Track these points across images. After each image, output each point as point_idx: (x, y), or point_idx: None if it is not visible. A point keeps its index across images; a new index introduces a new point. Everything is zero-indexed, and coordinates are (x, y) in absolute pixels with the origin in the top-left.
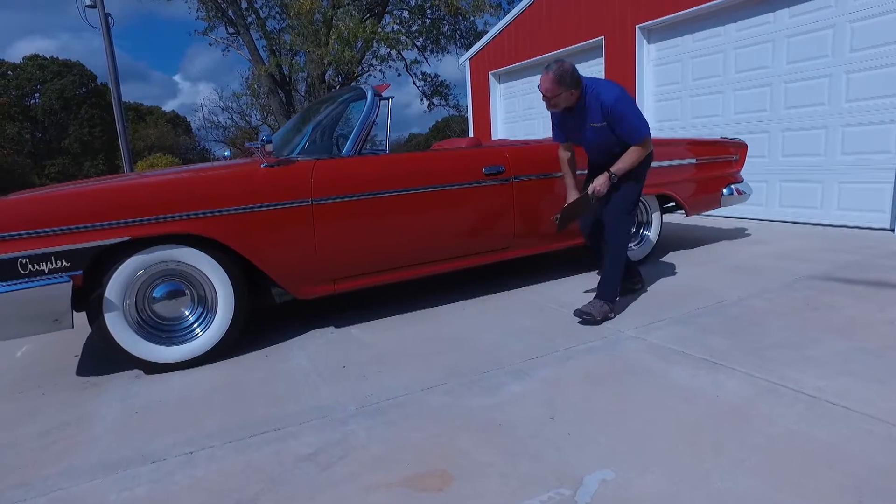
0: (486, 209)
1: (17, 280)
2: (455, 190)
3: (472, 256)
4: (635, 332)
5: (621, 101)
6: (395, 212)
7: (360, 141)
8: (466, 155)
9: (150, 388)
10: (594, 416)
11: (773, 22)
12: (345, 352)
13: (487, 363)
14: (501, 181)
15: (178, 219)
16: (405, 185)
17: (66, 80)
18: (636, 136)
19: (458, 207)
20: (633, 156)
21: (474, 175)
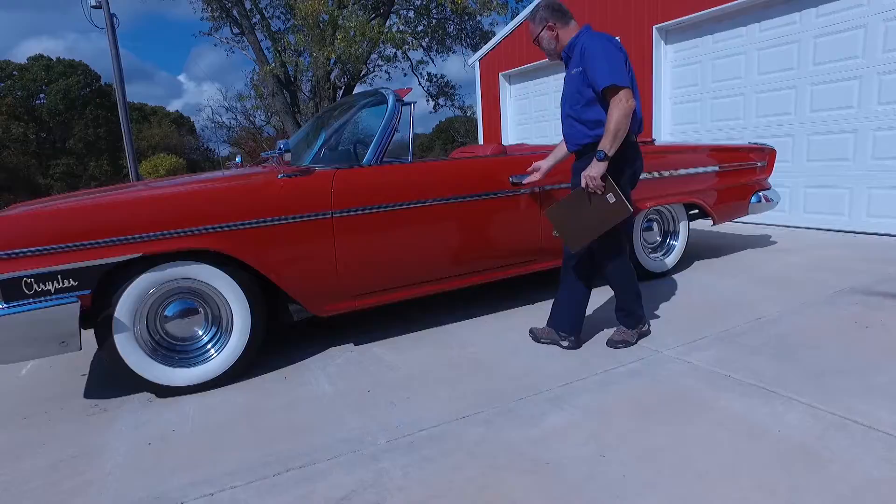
0: (514, 220)
1: (21, 301)
2: (482, 200)
3: (498, 270)
4: (675, 352)
5: (598, 41)
6: (420, 224)
7: (381, 149)
8: (494, 164)
9: (162, 415)
10: (648, 455)
11: (799, 22)
12: (368, 373)
13: (522, 388)
14: (529, 190)
15: (193, 234)
16: (430, 195)
17: (71, 80)
18: (601, 78)
19: (486, 218)
20: (613, 116)
21: (501, 184)
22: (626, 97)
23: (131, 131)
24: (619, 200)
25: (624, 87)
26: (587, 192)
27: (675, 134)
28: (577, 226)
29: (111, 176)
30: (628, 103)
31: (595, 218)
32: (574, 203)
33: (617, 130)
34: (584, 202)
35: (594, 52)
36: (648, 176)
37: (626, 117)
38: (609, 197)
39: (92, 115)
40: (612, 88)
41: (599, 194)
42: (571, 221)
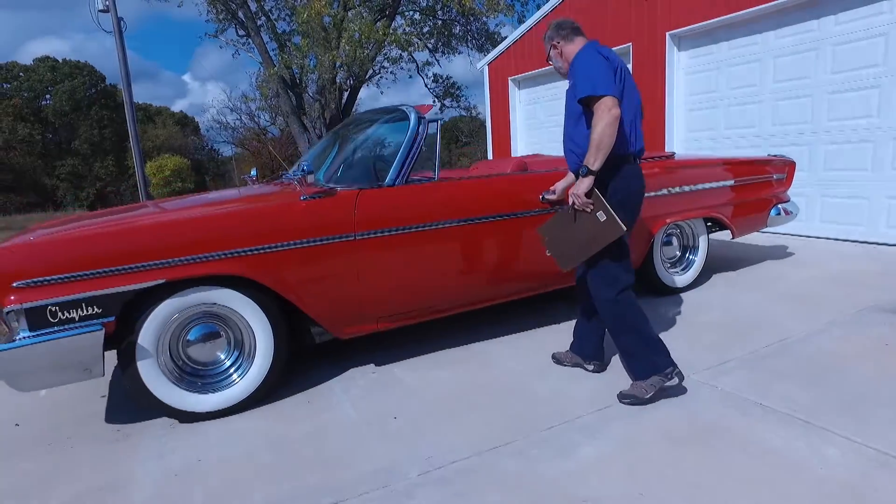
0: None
1: (46, 329)
2: (513, 220)
3: (529, 290)
4: (703, 375)
5: (584, 53)
6: (446, 245)
7: (406, 168)
8: (523, 181)
9: (186, 442)
10: (689, 494)
11: (817, 29)
12: (392, 397)
13: (551, 415)
14: (562, 207)
15: (217, 258)
16: (458, 215)
17: (77, 81)
18: (580, 88)
19: (517, 238)
20: (596, 126)
21: (532, 203)
22: (608, 105)
23: (138, 135)
24: (609, 218)
25: (604, 95)
26: (575, 210)
27: (689, 141)
28: (567, 245)
29: (116, 177)
30: (611, 112)
31: (585, 237)
32: (563, 221)
33: (600, 141)
34: (573, 221)
35: (577, 63)
36: (668, 191)
37: (610, 126)
38: (599, 215)
39: (97, 115)
40: (592, 98)
41: (588, 212)
42: (562, 240)
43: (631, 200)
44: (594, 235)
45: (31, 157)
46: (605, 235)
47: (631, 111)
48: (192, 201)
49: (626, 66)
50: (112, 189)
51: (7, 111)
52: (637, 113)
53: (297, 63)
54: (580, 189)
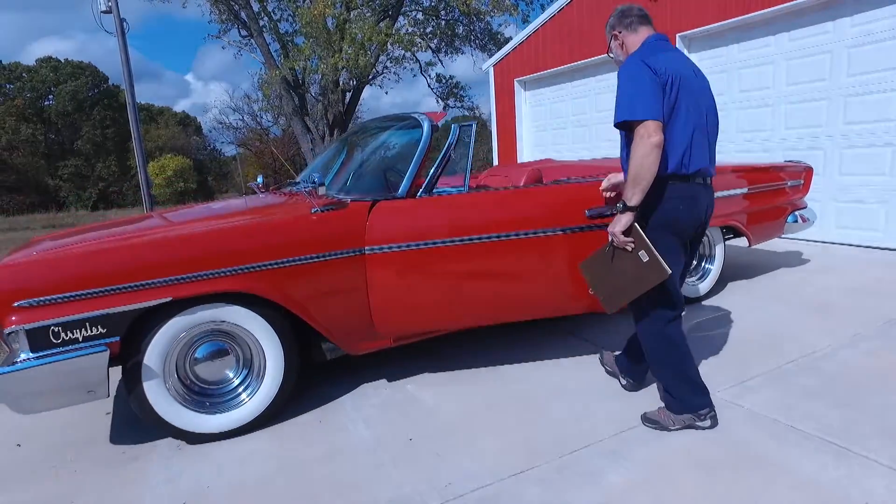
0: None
1: (49, 350)
2: (545, 238)
3: (559, 312)
4: (727, 393)
5: (629, 63)
6: (466, 264)
7: (431, 177)
8: (561, 193)
9: (194, 465)
10: None
11: (832, 31)
12: (407, 417)
13: (573, 437)
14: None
15: (226, 275)
16: (481, 231)
17: (80, 81)
18: (619, 111)
19: (549, 257)
20: (634, 156)
21: (573, 218)
22: (647, 132)
23: (141, 137)
24: (652, 259)
25: (643, 120)
26: (615, 248)
27: None
28: (609, 285)
29: (119, 177)
30: (650, 140)
31: (627, 278)
32: (603, 260)
33: (637, 174)
34: (608, 259)
35: (620, 76)
36: None
37: (648, 157)
38: (641, 255)
39: (100, 116)
40: (632, 123)
41: (629, 251)
42: (604, 279)
43: (682, 226)
44: (636, 277)
45: (34, 157)
46: (648, 278)
47: (690, 125)
48: (198, 213)
49: (690, 69)
50: (114, 189)
51: (10, 111)
52: (700, 125)
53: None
54: (617, 226)
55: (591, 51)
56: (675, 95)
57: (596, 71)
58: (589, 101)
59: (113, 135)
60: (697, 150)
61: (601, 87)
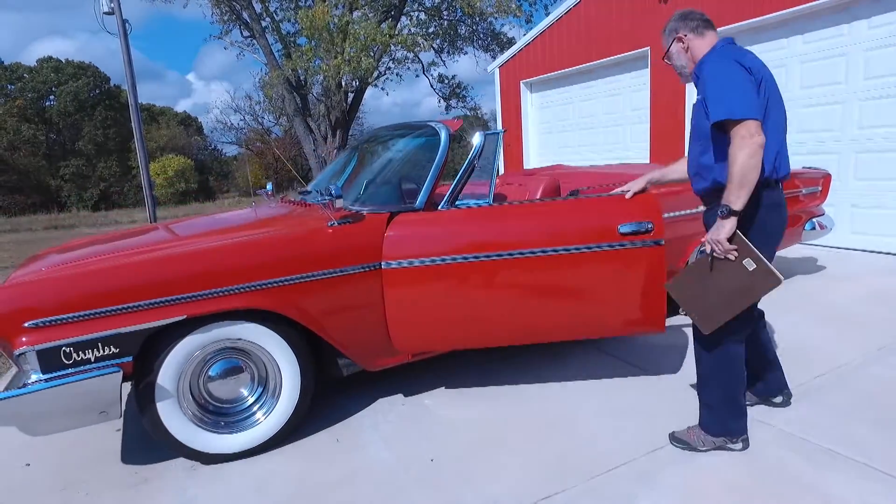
0: (618, 280)
1: (60, 371)
2: (575, 256)
3: (589, 335)
4: (754, 411)
5: (719, 59)
6: (490, 282)
7: (455, 189)
8: (592, 207)
9: (210, 488)
10: None
11: (847, 34)
12: (426, 436)
13: (601, 458)
14: (650, 243)
15: (241, 291)
16: (506, 247)
17: (81, 82)
18: (717, 109)
19: (580, 278)
20: (736, 158)
21: (604, 235)
22: (749, 132)
23: (144, 138)
24: (760, 267)
25: (745, 119)
26: (715, 259)
27: None
28: (707, 302)
29: (120, 177)
30: (753, 140)
31: (731, 291)
32: (699, 273)
33: (742, 177)
34: (712, 272)
35: (709, 73)
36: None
37: (754, 157)
38: (747, 263)
39: (101, 116)
40: (729, 122)
41: (732, 261)
42: (700, 297)
43: (776, 236)
44: (742, 288)
45: (35, 157)
46: (756, 287)
47: (778, 129)
48: (205, 224)
49: (769, 71)
50: (115, 189)
51: (11, 112)
52: (784, 129)
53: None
54: (721, 233)
55: (600, 53)
56: (766, 97)
57: (604, 73)
58: (596, 104)
59: (114, 135)
60: (784, 154)
61: (609, 89)
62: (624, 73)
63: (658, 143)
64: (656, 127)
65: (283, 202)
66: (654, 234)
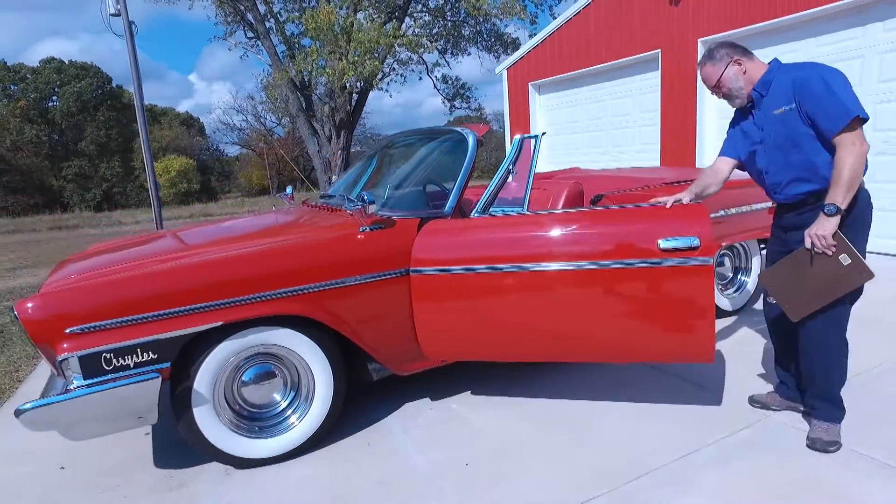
0: (658, 302)
1: (100, 377)
2: (614, 271)
3: (624, 357)
4: (783, 415)
5: (824, 72)
6: (521, 294)
7: (487, 197)
8: (634, 218)
9: (246, 493)
10: None
11: (862, 37)
12: (458, 440)
13: (632, 462)
14: (695, 261)
15: (278, 297)
16: (539, 259)
17: (84, 83)
18: (840, 112)
19: (618, 296)
20: (846, 161)
21: (641, 251)
22: (860, 137)
23: (149, 140)
24: (855, 261)
25: (864, 119)
26: (813, 252)
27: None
28: (800, 292)
29: (122, 178)
30: (863, 146)
31: (824, 282)
32: (797, 265)
33: (853, 180)
34: (809, 265)
35: (822, 82)
36: (725, 212)
37: (862, 158)
38: (842, 258)
39: (104, 117)
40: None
41: (829, 255)
42: (793, 287)
43: (867, 232)
44: (835, 281)
45: (38, 158)
46: (849, 281)
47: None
48: (235, 229)
49: None
50: (118, 190)
51: (14, 112)
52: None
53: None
54: (826, 230)
55: (610, 55)
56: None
57: (614, 75)
58: (605, 106)
59: (117, 135)
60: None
61: (619, 91)
62: (634, 75)
63: (669, 146)
64: (667, 129)
65: (305, 206)
66: (702, 251)
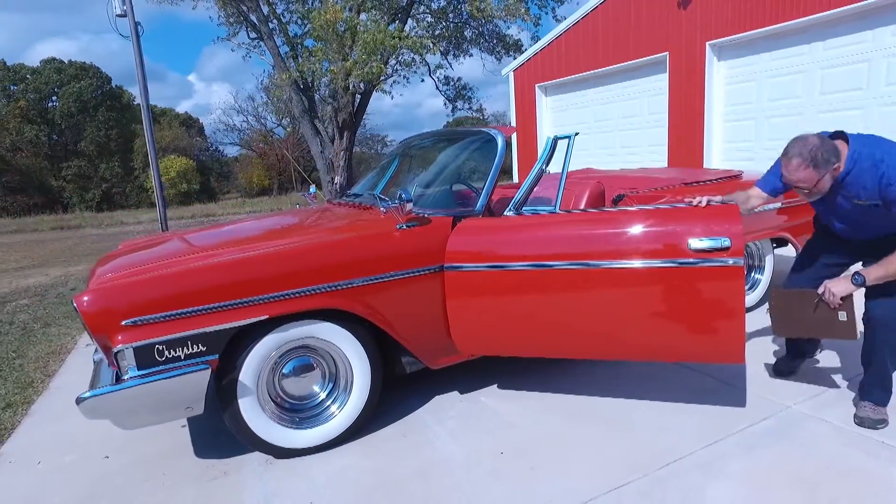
0: (688, 302)
1: (153, 368)
2: (646, 271)
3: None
4: (804, 406)
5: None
6: (553, 292)
7: (521, 195)
8: (665, 218)
9: (290, 481)
10: None
11: (871, 41)
12: (490, 431)
13: (661, 452)
14: (725, 262)
15: (320, 292)
16: (571, 258)
17: (84, 83)
18: None
19: (651, 296)
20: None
21: (670, 251)
22: None
23: (154, 141)
24: (849, 321)
25: None
26: (821, 299)
27: (727, 152)
28: (792, 318)
29: (122, 178)
30: None
31: (814, 323)
32: (804, 301)
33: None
34: (809, 305)
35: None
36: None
37: None
38: (841, 314)
39: (103, 117)
40: None
41: (831, 308)
42: (789, 312)
43: None
44: (824, 327)
45: (38, 158)
46: (835, 333)
47: None
48: (271, 225)
49: None
50: (118, 191)
51: (14, 113)
52: None
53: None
54: (843, 291)
55: (618, 57)
56: None
57: (621, 77)
58: (613, 108)
59: (116, 136)
60: None
61: (627, 93)
62: (642, 77)
63: (676, 147)
64: (675, 131)
65: (330, 205)
66: (732, 252)
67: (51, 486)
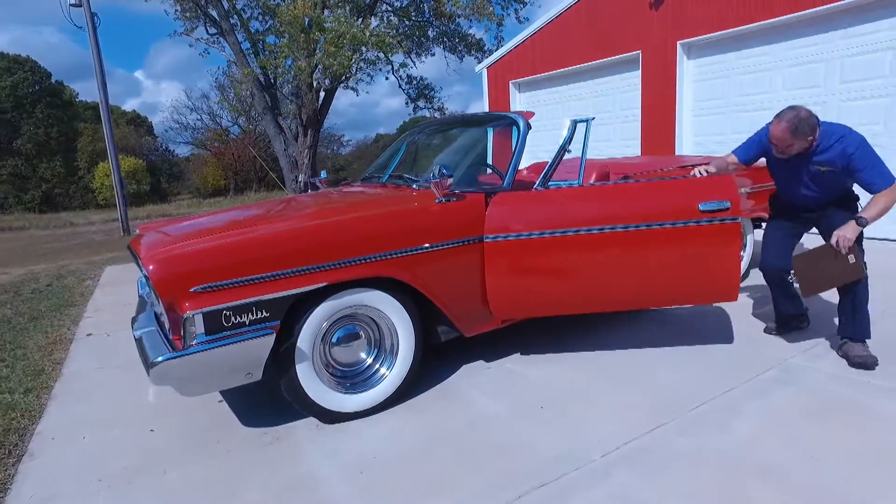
0: (698, 254)
1: (220, 334)
2: (658, 231)
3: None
4: (799, 359)
5: (866, 148)
6: (582, 253)
7: (546, 173)
8: (673, 188)
9: (346, 442)
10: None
11: (826, 42)
12: (522, 391)
13: (686, 399)
14: (727, 220)
15: (374, 260)
16: (596, 223)
17: (18, 76)
18: (880, 182)
19: (663, 251)
20: (884, 202)
21: (686, 212)
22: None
23: (115, 138)
24: (857, 261)
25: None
26: (835, 249)
27: (697, 144)
28: (815, 277)
29: (64, 178)
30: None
31: (833, 273)
32: (824, 256)
33: (883, 214)
34: (829, 257)
35: (865, 159)
36: None
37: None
38: (850, 257)
39: (42, 114)
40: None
41: (844, 253)
42: (812, 272)
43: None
44: (841, 274)
45: None
46: (847, 275)
47: None
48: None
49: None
50: (60, 191)
51: None
52: None
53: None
54: (852, 234)
55: (591, 55)
56: None
57: (594, 74)
58: (586, 104)
59: (57, 134)
60: None
61: (599, 90)
62: (614, 74)
63: (649, 140)
64: (647, 125)
65: (347, 185)
66: (732, 211)
67: (105, 456)
